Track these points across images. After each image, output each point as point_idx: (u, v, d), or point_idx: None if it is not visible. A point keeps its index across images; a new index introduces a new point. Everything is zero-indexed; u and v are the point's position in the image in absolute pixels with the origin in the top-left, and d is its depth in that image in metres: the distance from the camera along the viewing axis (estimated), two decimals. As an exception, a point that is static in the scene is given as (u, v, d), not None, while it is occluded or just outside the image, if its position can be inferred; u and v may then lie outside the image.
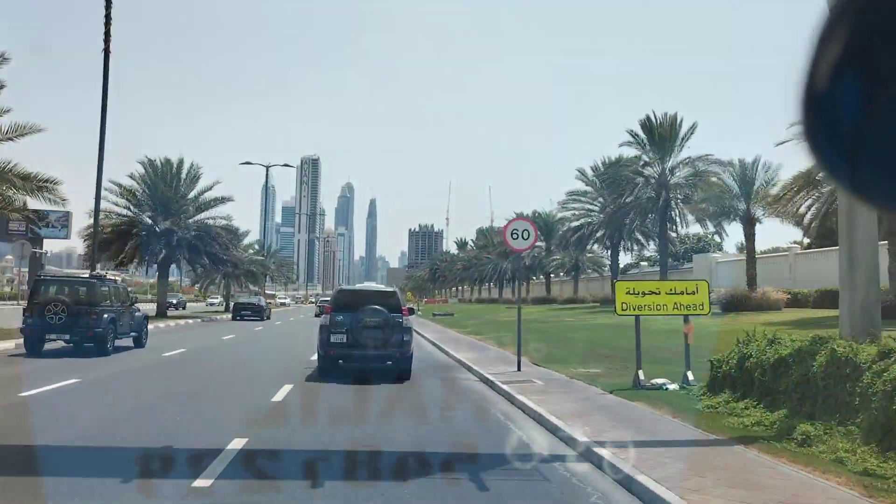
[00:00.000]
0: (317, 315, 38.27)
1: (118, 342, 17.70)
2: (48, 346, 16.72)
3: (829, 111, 0.83)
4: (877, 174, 0.85)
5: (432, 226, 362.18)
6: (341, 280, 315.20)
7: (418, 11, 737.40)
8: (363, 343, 12.90)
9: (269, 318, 42.73)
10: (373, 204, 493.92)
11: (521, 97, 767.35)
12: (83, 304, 16.52)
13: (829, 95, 0.82)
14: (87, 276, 19.97)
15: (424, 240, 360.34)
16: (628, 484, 5.81)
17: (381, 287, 15.80)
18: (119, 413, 9.27)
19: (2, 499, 5.18)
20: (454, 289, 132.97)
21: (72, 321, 16.14)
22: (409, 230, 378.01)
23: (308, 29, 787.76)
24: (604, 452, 6.60)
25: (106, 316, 16.76)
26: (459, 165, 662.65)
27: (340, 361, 13.34)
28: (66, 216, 77.96)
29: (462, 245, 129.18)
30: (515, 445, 7.72)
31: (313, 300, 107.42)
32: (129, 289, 23.69)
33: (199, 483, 5.61)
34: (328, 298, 21.98)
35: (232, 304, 47.96)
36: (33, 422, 8.22)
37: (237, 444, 6.96)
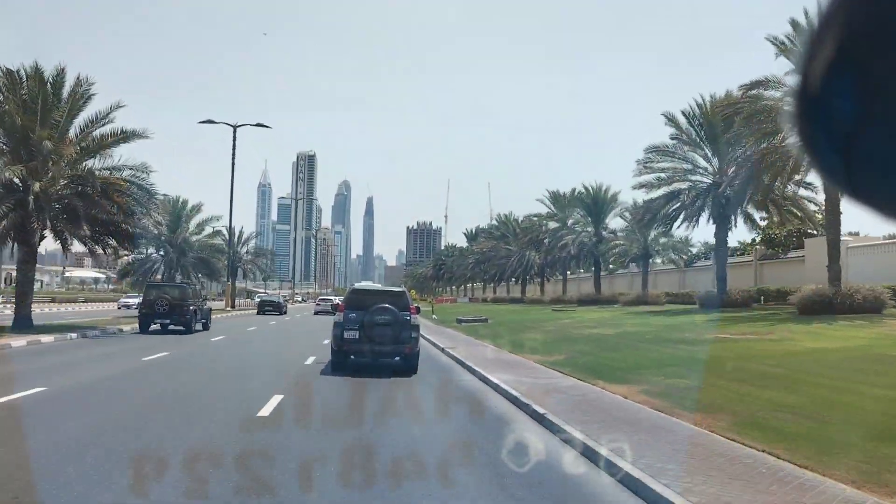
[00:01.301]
0: (316, 313, 48.22)
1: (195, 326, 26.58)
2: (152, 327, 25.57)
3: (824, 113, 0.83)
4: (873, 177, 0.84)
5: (431, 223, 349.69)
6: (338, 279, 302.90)
7: (413, 8, 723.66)
8: (374, 339, 13.86)
9: (285, 313, 50.29)
10: (370, 202, 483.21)
11: (518, 93, 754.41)
12: (177, 301, 25.28)
13: (824, 97, 0.82)
14: (180, 281, 35.16)
15: (423, 238, 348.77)
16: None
17: (391, 287, 17.65)
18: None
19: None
20: (462, 287, 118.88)
21: (171, 311, 25.10)
22: (408, 228, 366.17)
23: (303, 25, 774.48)
24: None
25: (191, 308, 25.77)
26: (457, 163, 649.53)
27: (352, 357, 14.38)
28: None
29: (472, 237, 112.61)
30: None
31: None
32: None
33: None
34: (329, 298, 35.07)
35: (257, 300, 57.47)
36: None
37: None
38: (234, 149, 43.59)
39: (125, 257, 35.84)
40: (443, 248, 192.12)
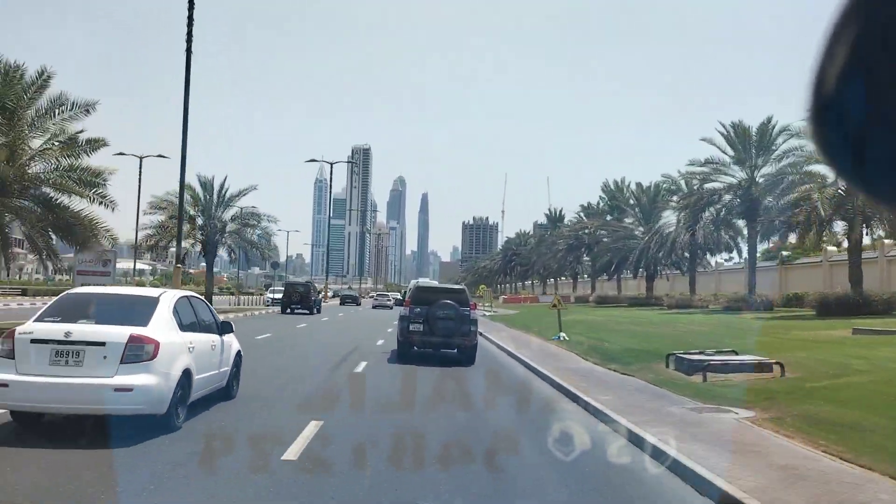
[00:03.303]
0: (373, 307, 55.85)
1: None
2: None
3: (836, 116, 0.86)
4: (886, 175, 0.87)
5: (487, 219, 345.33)
6: (392, 275, 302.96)
7: (467, 3, 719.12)
8: (437, 332, 15.35)
9: (359, 304, 64.70)
10: (424, 198, 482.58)
11: (577, 88, 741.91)
12: (305, 293, 40.16)
13: (837, 100, 0.84)
14: (305, 280, 56.61)
15: (478, 233, 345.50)
16: None
17: (453, 285, 19.73)
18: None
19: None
20: (543, 282, 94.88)
21: (301, 299, 39.58)
22: (463, 223, 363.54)
23: (358, 23, 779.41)
24: None
25: (314, 298, 40.80)
26: (514, 159, 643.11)
27: (415, 348, 15.96)
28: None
29: (558, 219, 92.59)
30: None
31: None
32: None
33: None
34: (385, 294, 61.27)
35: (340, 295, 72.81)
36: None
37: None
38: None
39: None
40: (498, 244, 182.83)
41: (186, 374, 7.76)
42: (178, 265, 26.44)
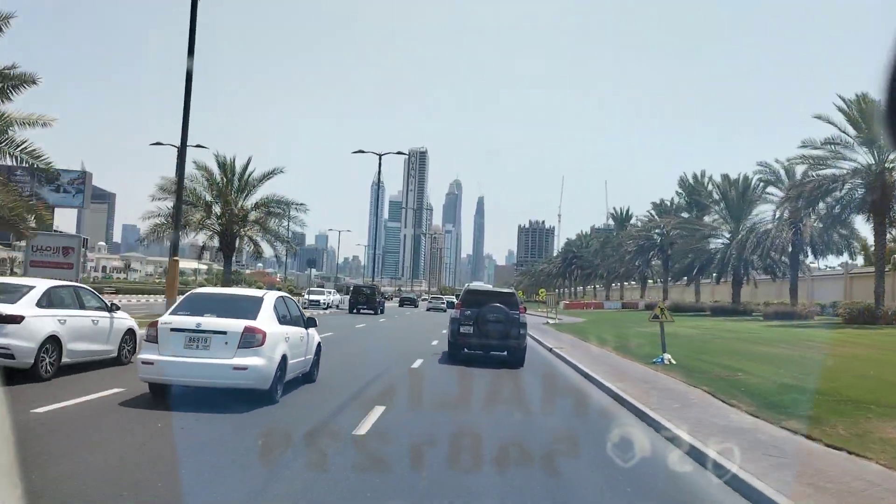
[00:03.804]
0: (428, 310, 59.64)
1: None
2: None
3: None
4: None
5: (543, 222, 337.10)
6: (447, 278, 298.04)
7: (525, 9, 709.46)
8: (487, 334, 15.44)
9: (417, 306, 70.28)
10: (480, 202, 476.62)
11: (635, 91, 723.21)
12: (371, 295, 45.79)
13: None
14: (370, 283, 64.73)
15: (534, 237, 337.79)
16: None
17: (502, 288, 19.48)
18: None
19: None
20: (604, 286, 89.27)
21: (367, 300, 44.31)
22: (519, 226, 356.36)
23: (415, 25, 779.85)
24: None
25: (379, 300, 46.42)
26: (570, 164, 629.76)
27: (465, 350, 16.05)
28: (84, 177, 60.69)
29: (625, 218, 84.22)
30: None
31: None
32: None
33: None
34: (439, 297, 72.89)
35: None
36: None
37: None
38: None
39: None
40: (554, 248, 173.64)
41: (284, 358, 9.49)
42: (175, 258, 21.51)
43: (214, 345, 8.76)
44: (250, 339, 8.83)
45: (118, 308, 12.43)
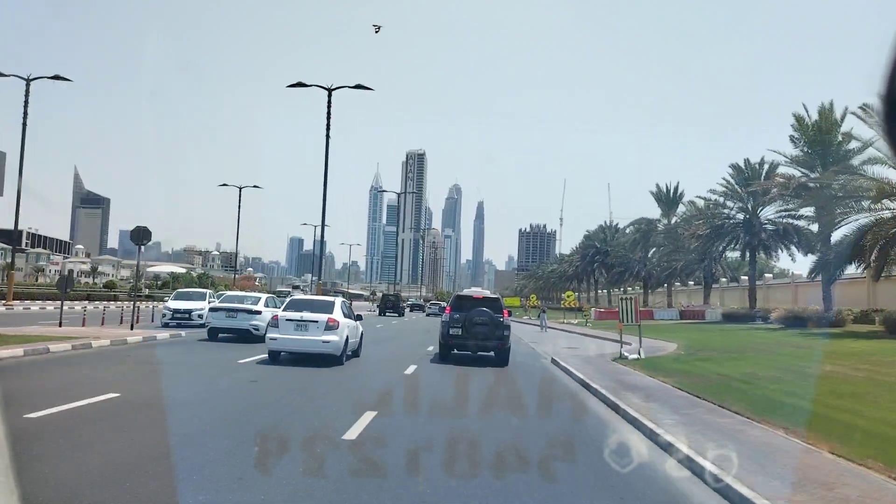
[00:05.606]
0: (427, 315, 68.25)
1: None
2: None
3: None
4: None
5: (544, 226, 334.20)
6: (447, 283, 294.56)
7: (523, 7, 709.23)
8: (474, 336, 17.31)
9: (424, 311, 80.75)
10: (480, 207, 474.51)
11: (636, 94, 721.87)
12: (395, 301, 63.42)
13: None
14: (396, 292, 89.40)
15: (535, 241, 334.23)
16: None
17: (488, 294, 20.23)
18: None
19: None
20: (644, 288, 67.17)
21: (394, 305, 61.71)
22: (520, 230, 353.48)
23: (412, 31, 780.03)
24: None
25: (403, 305, 68.05)
26: (571, 169, 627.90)
27: (455, 350, 18.17)
28: None
29: (672, 201, 60.33)
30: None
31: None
32: None
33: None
34: (438, 302, 77.41)
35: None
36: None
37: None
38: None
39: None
40: (555, 253, 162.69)
41: (346, 338, 15.64)
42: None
43: (310, 328, 15.19)
44: (331, 325, 15.22)
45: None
